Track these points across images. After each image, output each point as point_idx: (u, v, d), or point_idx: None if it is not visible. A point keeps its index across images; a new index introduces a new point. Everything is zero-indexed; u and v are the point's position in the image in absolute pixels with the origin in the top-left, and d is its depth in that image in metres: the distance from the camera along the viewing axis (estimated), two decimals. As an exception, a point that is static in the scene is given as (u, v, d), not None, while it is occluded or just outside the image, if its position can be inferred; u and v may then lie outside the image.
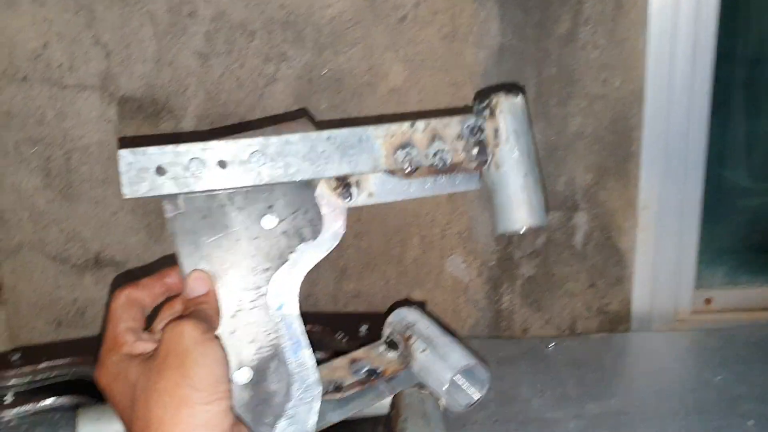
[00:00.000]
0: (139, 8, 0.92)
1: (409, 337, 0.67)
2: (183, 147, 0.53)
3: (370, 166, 0.57)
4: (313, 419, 0.55)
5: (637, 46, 0.99)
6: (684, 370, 0.93)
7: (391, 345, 0.69)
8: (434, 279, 1.05)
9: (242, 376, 0.53)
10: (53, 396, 0.84)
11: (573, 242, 1.05)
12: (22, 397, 0.84)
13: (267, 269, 0.55)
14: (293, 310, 0.56)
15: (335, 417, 0.64)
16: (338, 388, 0.66)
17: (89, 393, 0.84)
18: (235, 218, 0.55)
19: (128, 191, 0.52)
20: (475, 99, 0.69)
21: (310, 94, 0.96)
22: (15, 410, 0.83)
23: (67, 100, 0.94)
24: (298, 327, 0.56)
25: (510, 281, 1.06)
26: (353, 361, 0.69)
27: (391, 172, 0.58)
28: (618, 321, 1.09)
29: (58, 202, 0.97)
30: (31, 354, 0.88)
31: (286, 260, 0.56)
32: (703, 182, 1.06)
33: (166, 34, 0.93)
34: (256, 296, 0.55)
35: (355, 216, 1.01)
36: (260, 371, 0.54)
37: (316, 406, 0.56)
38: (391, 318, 0.71)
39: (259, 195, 0.56)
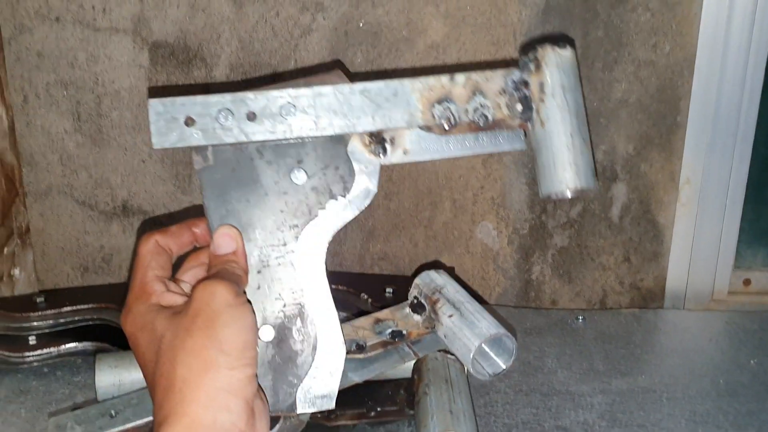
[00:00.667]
0: (175, -50, 0.89)
1: (436, 301, 0.65)
2: (213, 98, 0.52)
3: (405, 122, 0.55)
4: (336, 381, 0.55)
5: (691, 11, 0.94)
6: (717, 351, 0.90)
7: (417, 307, 0.67)
8: (464, 244, 1.03)
9: (265, 333, 0.53)
10: (75, 340, 0.84)
11: (609, 214, 1.02)
12: (44, 340, 0.84)
13: (295, 225, 0.54)
14: (320, 268, 0.55)
15: (356, 377, 0.63)
16: (360, 348, 0.64)
17: (111, 339, 0.84)
18: (264, 172, 0.54)
19: (157, 141, 0.51)
20: (520, 52, 0.66)
21: (345, 46, 0.94)
22: (37, 352, 0.83)
23: (100, 43, 0.93)
24: (325, 286, 0.55)
25: (541, 251, 1.04)
26: (377, 321, 0.68)
27: (428, 129, 0.56)
28: (651, 298, 1.06)
29: (88, 146, 0.97)
30: (56, 298, 0.88)
31: (316, 216, 0.55)
32: (750, 159, 1.01)
33: (202, -22, 0.91)
34: (283, 252, 0.54)
35: (385, 176, 0.99)
36: (284, 330, 0.53)
37: (340, 368, 0.55)
38: (418, 279, 0.69)
39: (288, 149, 0.55)
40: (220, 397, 0.46)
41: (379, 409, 0.72)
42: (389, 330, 0.65)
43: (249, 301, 0.51)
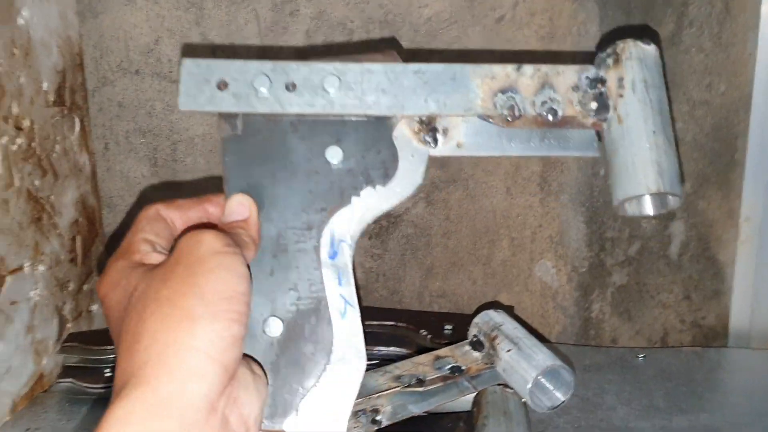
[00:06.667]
0: (245, 6, 0.95)
1: (495, 338, 0.67)
2: (251, 63, 0.48)
3: (461, 108, 0.49)
4: (351, 397, 0.46)
5: (745, 51, 0.95)
6: (784, 391, 0.88)
7: (477, 345, 0.69)
8: (522, 283, 1.04)
9: (272, 327, 0.46)
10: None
11: (668, 252, 1.02)
12: (121, 373, 0.88)
13: (323, 209, 0.48)
14: (347, 262, 0.48)
15: (416, 408, 0.65)
16: (420, 382, 0.67)
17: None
18: (296, 148, 0.49)
19: (184, 102, 0.48)
20: (597, 48, 0.58)
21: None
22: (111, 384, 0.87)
23: (176, 93, 0.99)
24: (350, 283, 0.48)
25: (601, 289, 1.04)
26: (437, 358, 0.70)
27: (488, 118, 0.49)
28: (713, 336, 1.05)
29: (163, 190, 1.03)
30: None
31: (348, 203, 0.49)
32: (812, 195, 1.00)
33: (269, 32, 0.96)
34: (305, 238, 0.48)
35: (443, 215, 1.02)
36: (294, 327, 0.46)
37: (357, 383, 0.46)
38: (477, 318, 0.71)
39: (327, 126, 0.49)
40: (192, 360, 0.37)
41: (438, 440, 0.73)
42: (449, 366, 0.68)
43: (242, 256, 0.43)
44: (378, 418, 0.64)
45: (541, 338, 0.80)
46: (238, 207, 0.47)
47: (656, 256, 1.02)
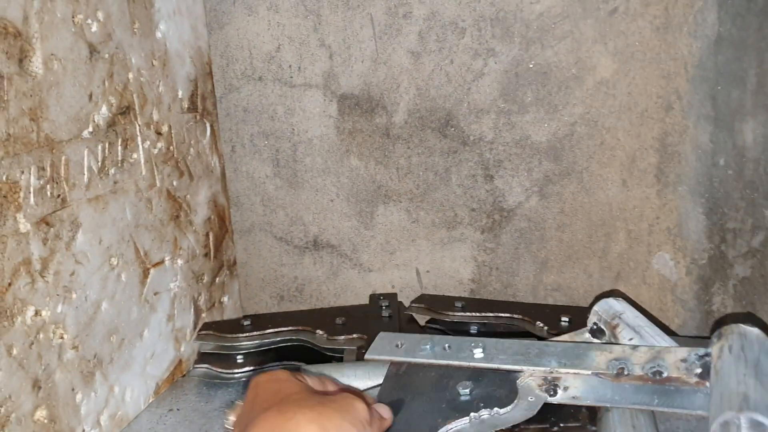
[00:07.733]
0: (361, 11, 1.00)
1: (615, 326, 0.68)
2: (422, 335, 0.72)
3: (578, 368, 0.63)
4: None
5: None
6: None
7: (597, 333, 0.70)
8: (640, 275, 1.03)
9: None
10: (276, 359, 0.93)
11: (796, 243, 0.98)
12: (250, 358, 0.94)
13: (440, 421, 0.62)
14: None
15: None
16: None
17: (308, 358, 0.93)
18: (437, 383, 0.67)
19: (371, 354, 0.71)
20: (711, 331, 0.72)
21: (516, 87, 0.99)
22: (244, 369, 0.93)
23: (295, 97, 1.05)
24: None
25: (722, 282, 1.01)
26: (557, 346, 0.71)
27: (599, 375, 0.62)
28: None
29: (285, 189, 1.08)
30: (259, 321, 0.99)
31: (464, 417, 0.62)
32: None
33: (383, 34, 1.00)
34: None
35: (557, 208, 1.02)
36: None
37: None
38: (597, 306, 0.72)
39: (466, 370, 0.67)
40: None
41: (561, 425, 0.74)
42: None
43: None
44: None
45: (662, 327, 0.79)
46: (382, 409, 0.63)
47: (783, 247, 0.99)
